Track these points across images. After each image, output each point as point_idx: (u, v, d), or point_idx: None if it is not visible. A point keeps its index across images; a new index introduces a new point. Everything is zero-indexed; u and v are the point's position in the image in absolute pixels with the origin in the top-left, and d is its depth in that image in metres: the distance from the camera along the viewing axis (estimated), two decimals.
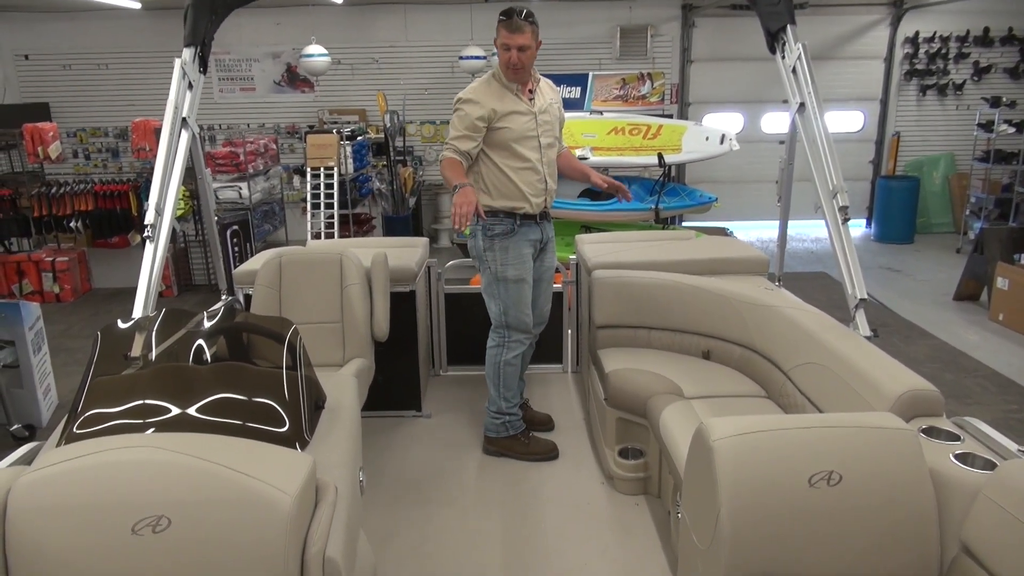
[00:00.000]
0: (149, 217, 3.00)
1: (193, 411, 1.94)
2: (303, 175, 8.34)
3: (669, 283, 3.69)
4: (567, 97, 8.26)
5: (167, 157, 3.13)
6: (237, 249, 7.76)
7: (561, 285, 4.47)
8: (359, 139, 8.69)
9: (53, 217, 7.87)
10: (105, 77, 9.76)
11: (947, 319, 6.76)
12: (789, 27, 3.37)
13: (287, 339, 2.27)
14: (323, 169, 7.92)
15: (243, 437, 1.81)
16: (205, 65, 3.48)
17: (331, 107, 9.95)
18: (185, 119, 3.27)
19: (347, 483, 1.95)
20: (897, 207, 9.89)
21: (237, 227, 7.78)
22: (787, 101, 3.42)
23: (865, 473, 1.82)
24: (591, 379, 3.86)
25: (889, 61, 10.20)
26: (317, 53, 8.31)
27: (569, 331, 4.66)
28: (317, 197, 7.95)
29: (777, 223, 4.25)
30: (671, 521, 2.91)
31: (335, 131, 8.18)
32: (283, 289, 3.61)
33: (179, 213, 7.48)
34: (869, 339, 2.81)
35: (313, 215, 7.96)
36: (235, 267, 4.09)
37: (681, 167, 10.01)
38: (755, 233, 10.02)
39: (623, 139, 8.22)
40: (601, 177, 3.72)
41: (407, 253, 4.17)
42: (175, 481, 1.55)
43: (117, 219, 8.04)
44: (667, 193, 8.09)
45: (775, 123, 10.23)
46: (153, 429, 1.88)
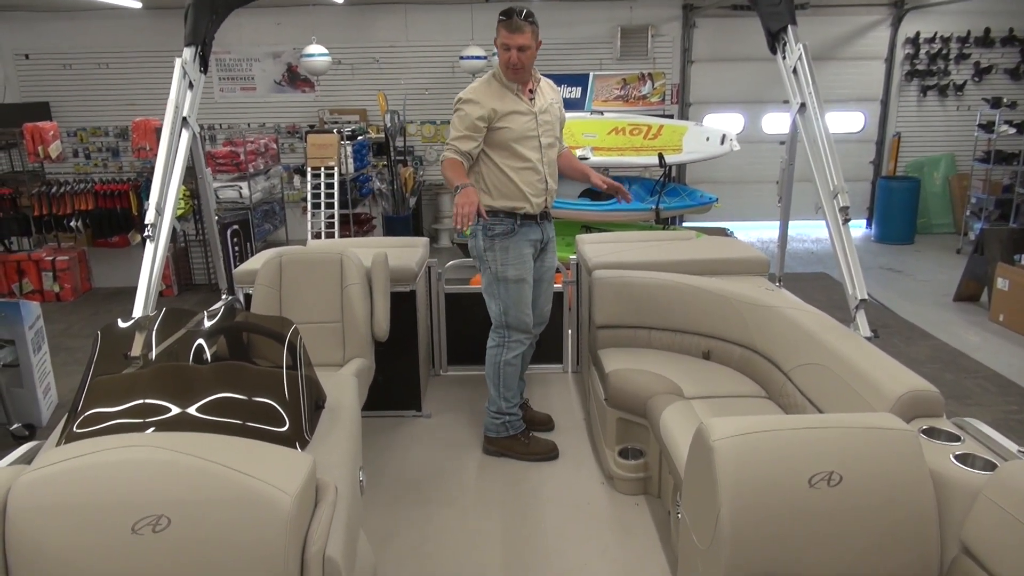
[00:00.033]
0: (149, 216, 3.00)
1: (193, 410, 1.94)
2: (303, 175, 8.34)
3: (669, 283, 3.69)
4: (568, 97, 8.26)
5: (167, 156, 3.13)
6: (237, 249, 7.76)
7: (561, 285, 4.47)
8: (359, 139, 8.69)
9: (53, 216, 7.88)
10: (105, 76, 9.76)
11: (947, 320, 6.76)
12: (790, 27, 3.37)
13: (287, 339, 2.27)
14: (323, 169, 7.92)
15: (243, 437, 1.81)
16: (206, 65, 3.48)
17: (331, 107, 9.95)
18: (186, 118, 3.27)
19: (347, 483, 1.95)
20: (897, 208, 9.90)
21: (237, 227, 7.79)
22: (788, 101, 3.42)
23: (865, 474, 1.82)
24: (591, 379, 3.86)
25: (890, 62, 10.20)
26: (318, 53, 8.31)
27: (569, 331, 4.66)
28: (317, 197, 7.96)
29: (777, 223, 4.25)
30: (671, 521, 2.91)
31: (335, 131, 8.18)
32: (283, 289, 3.60)
33: (179, 212, 7.49)
34: (869, 340, 2.81)
35: (313, 215, 7.96)
36: (235, 267, 4.09)
37: (682, 167, 10.01)
38: (755, 233, 10.02)
39: (624, 139, 8.22)
40: (601, 178, 3.72)
41: (407, 253, 4.17)
42: (175, 481, 1.55)
43: (117, 218, 8.05)
44: (668, 193, 8.09)
45: (776, 123, 10.23)
46: (153, 428, 1.88)
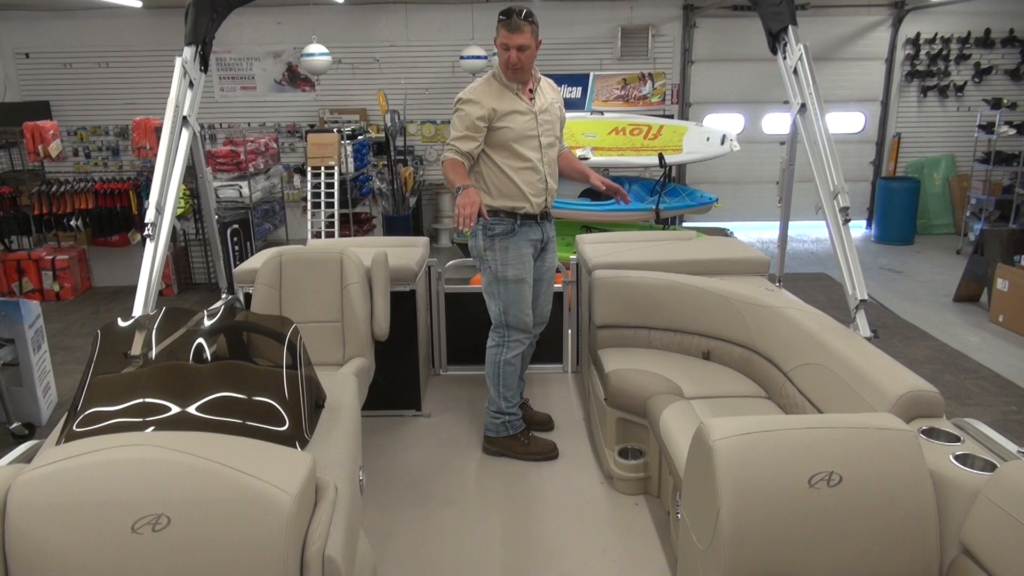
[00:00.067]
0: (149, 216, 3.00)
1: (193, 410, 1.94)
2: (303, 174, 8.34)
3: (669, 283, 3.69)
4: (568, 97, 8.26)
5: (168, 156, 3.14)
6: (237, 248, 7.76)
7: (561, 285, 4.47)
8: (360, 138, 8.69)
9: (53, 215, 7.88)
10: (106, 75, 9.76)
11: (947, 320, 6.76)
12: (790, 28, 3.37)
13: (287, 338, 2.27)
14: (323, 168, 7.92)
15: (243, 436, 1.81)
16: (206, 64, 3.48)
17: (332, 106, 9.95)
18: (186, 118, 3.27)
19: (347, 482, 1.95)
20: (897, 208, 9.90)
21: (237, 226, 7.79)
22: (788, 102, 3.42)
23: (865, 474, 1.82)
24: (591, 379, 3.86)
25: (890, 62, 10.20)
26: (318, 52, 8.31)
27: (569, 331, 4.66)
28: (317, 196, 7.95)
29: (777, 224, 4.26)
30: (671, 521, 2.91)
31: (336, 130, 8.18)
32: (283, 288, 3.60)
33: (179, 212, 7.49)
34: (869, 340, 2.81)
35: (313, 214, 7.96)
36: (235, 266, 4.09)
37: (682, 167, 10.01)
38: (755, 234, 10.02)
39: (624, 139, 8.22)
40: (600, 179, 3.71)
41: (407, 252, 4.17)
42: (175, 480, 1.55)
43: (117, 217, 8.05)
44: (668, 193, 8.09)
45: (776, 124, 10.23)
46: (153, 428, 1.88)
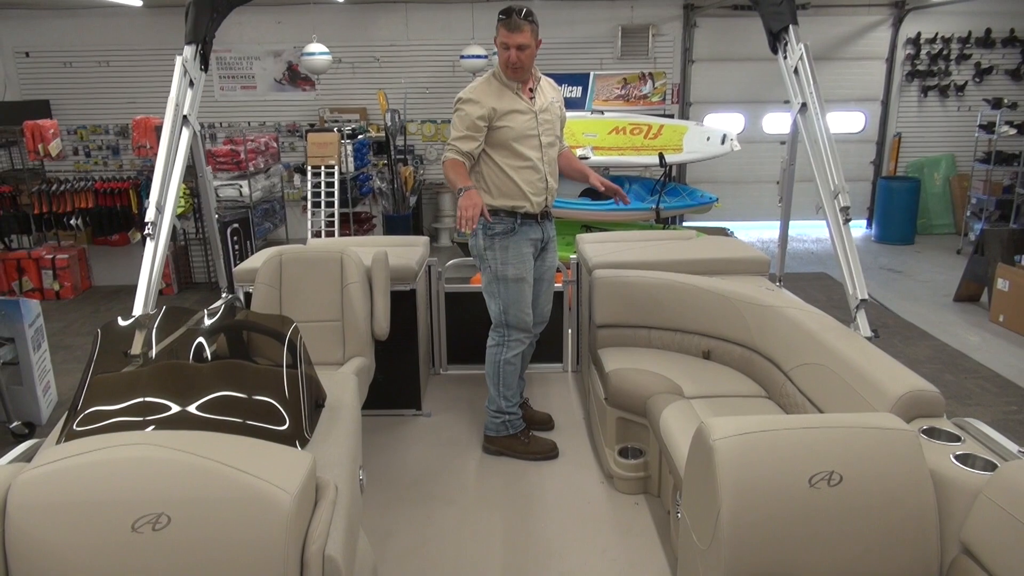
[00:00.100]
0: (150, 215, 3.00)
1: (193, 409, 1.93)
2: (304, 173, 8.34)
3: (670, 283, 3.69)
4: (568, 97, 8.25)
5: (168, 155, 3.13)
6: (237, 247, 7.76)
7: (561, 284, 4.47)
8: (360, 138, 8.69)
9: (53, 214, 7.88)
10: (106, 74, 9.76)
11: (947, 320, 6.76)
12: (791, 27, 3.37)
13: (287, 337, 2.27)
14: (324, 167, 7.92)
15: (243, 435, 1.81)
16: (206, 63, 3.48)
17: (332, 105, 9.95)
18: (186, 117, 3.27)
19: (347, 482, 1.95)
20: (898, 208, 9.89)
21: (237, 225, 7.78)
22: (788, 101, 3.42)
23: (865, 474, 1.82)
24: (591, 378, 3.86)
25: (891, 62, 10.20)
26: (318, 51, 8.31)
27: (569, 330, 4.66)
28: (318, 195, 7.95)
29: (778, 223, 4.25)
30: (671, 521, 2.91)
31: (336, 129, 8.18)
32: (283, 287, 3.60)
33: (180, 211, 7.49)
34: (870, 340, 2.81)
35: (314, 213, 7.96)
36: (235, 265, 4.09)
37: (682, 167, 10.01)
38: (756, 233, 10.02)
39: (624, 139, 8.22)
40: (600, 179, 3.70)
41: (407, 252, 4.17)
42: (175, 479, 1.55)
43: (117, 217, 8.05)
44: (668, 193, 8.09)
45: (776, 123, 10.23)
46: (153, 427, 1.88)
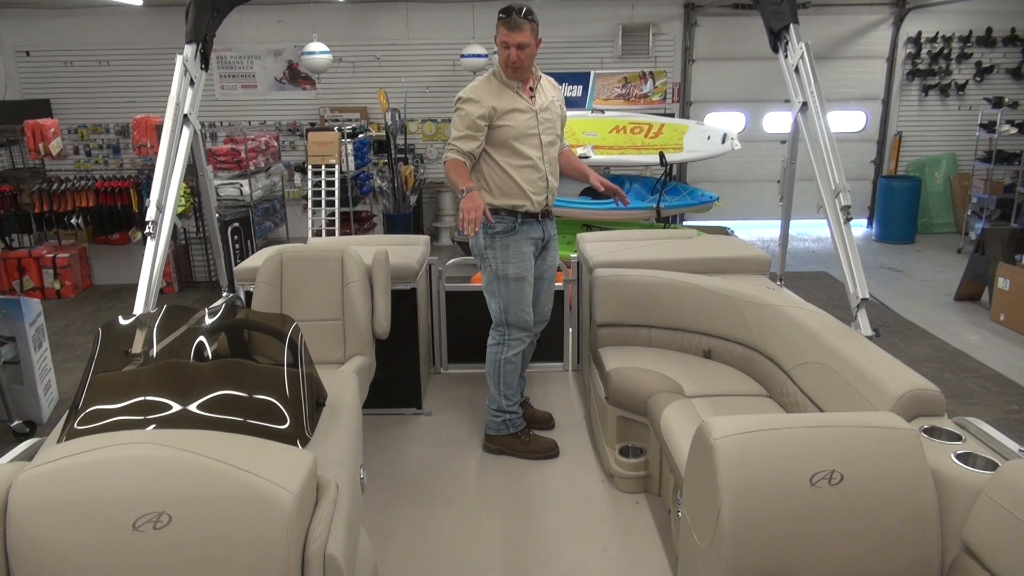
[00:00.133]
0: (150, 214, 3.00)
1: (194, 408, 1.93)
2: (304, 172, 8.34)
3: (670, 282, 3.69)
4: (569, 96, 8.26)
5: (168, 154, 3.13)
6: (238, 246, 7.77)
7: (562, 283, 4.47)
8: (360, 137, 8.69)
9: (54, 213, 7.88)
10: (106, 74, 9.76)
11: (948, 319, 6.76)
12: (792, 26, 3.37)
13: (288, 336, 2.27)
14: (324, 167, 7.92)
15: (244, 434, 1.81)
16: (207, 62, 3.48)
17: (332, 105, 9.95)
18: (187, 116, 3.27)
19: (348, 480, 1.95)
20: (898, 207, 9.89)
21: (238, 224, 7.79)
22: (789, 100, 3.42)
23: (866, 473, 1.82)
24: (592, 377, 3.86)
25: (891, 61, 10.19)
26: (318, 50, 8.30)
27: (570, 329, 4.66)
28: (318, 195, 7.95)
29: (778, 223, 4.25)
30: (671, 520, 2.91)
31: (336, 128, 8.18)
32: (284, 286, 3.60)
33: (180, 210, 7.49)
34: (870, 339, 2.81)
35: (314, 212, 7.96)
36: (236, 264, 4.09)
37: (682, 166, 10.01)
38: (756, 232, 10.01)
39: (625, 138, 8.22)
40: (599, 179, 3.70)
41: (408, 251, 4.17)
42: (176, 477, 1.55)
43: (118, 216, 8.05)
44: (668, 192, 8.09)
45: (777, 122, 10.22)
46: (154, 426, 1.88)
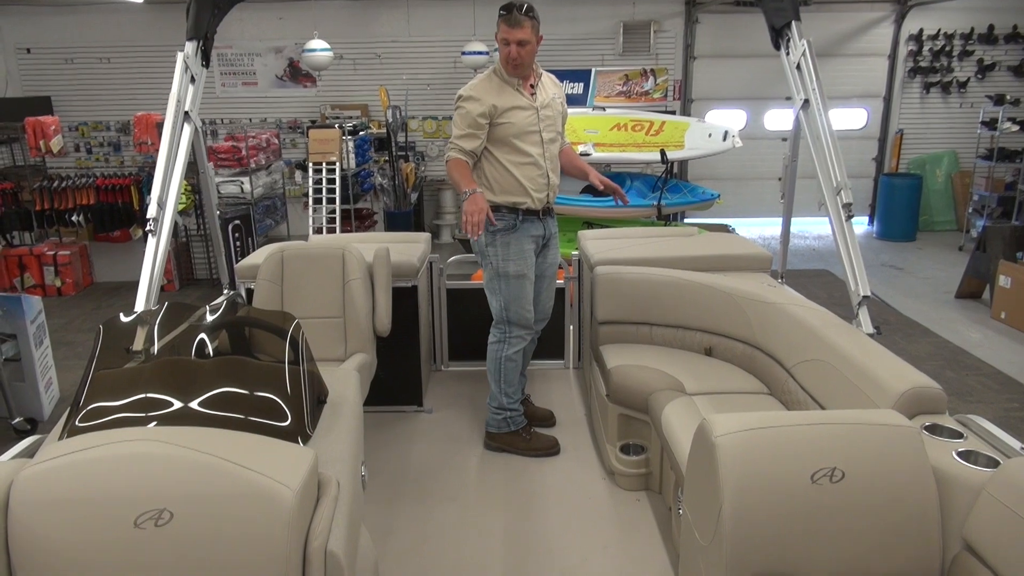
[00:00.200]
0: (151, 211, 3.01)
1: (195, 405, 1.93)
2: (305, 170, 8.33)
3: (671, 279, 3.68)
4: (570, 93, 8.24)
5: (169, 151, 3.14)
6: (239, 244, 7.77)
7: (563, 281, 4.47)
8: (361, 134, 8.68)
9: (55, 211, 7.88)
10: (107, 71, 9.76)
11: (949, 317, 6.75)
12: (794, 23, 3.37)
13: (289, 333, 2.27)
14: (325, 164, 7.92)
15: (245, 431, 1.81)
16: (207, 59, 3.48)
17: (333, 102, 9.94)
18: (187, 113, 3.27)
19: (349, 478, 1.95)
20: (900, 205, 9.88)
21: (239, 221, 7.79)
22: (791, 98, 3.42)
23: (868, 470, 1.82)
24: (593, 375, 3.86)
25: (893, 58, 10.18)
26: (319, 48, 8.30)
27: (571, 327, 4.65)
28: (319, 192, 7.95)
29: (780, 220, 4.25)
30: (672, 517, 2.91)
31: (337, 126, 8.17)
32: (285, 284, 3.60)
33: (181, 207, 7.49)
34: (872, 336, 2.81)
35: (315, 210, 7.96)
36: (237, 261, 4.09)
37: (684, 164, 10.00)
38: (757, 230, 10.00)
39: (626, 135, 8.21)
40: (599, 177, 3.69)
41: (409, 248, 4.17)
42: (177, 475, 1.55)
43: (119, 213, 8.05)
44: (669, 190, 8.07)
45: (778, 120, 10.21)
46: (155, 423, 1.88)
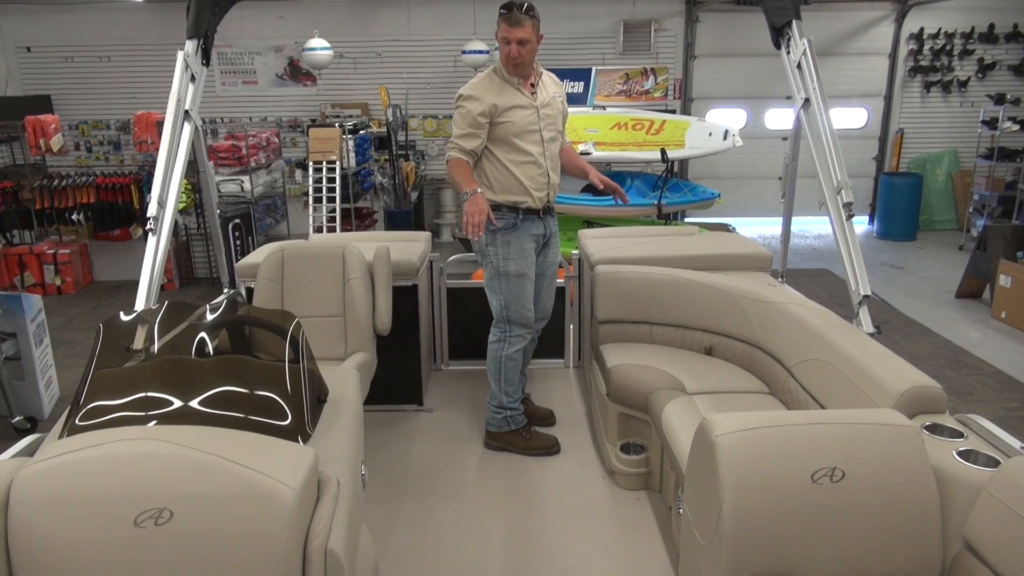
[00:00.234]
0: (152, 210, 3.01)
1: (195, 404, 1.93)
2: (305, 169, 8.33)
3: (671, 279, 3.68)
4: (570, 92, 8.23)
5: (169, 150, 3.14)
6: (239, 242, 7.77)
7: (563, 280, 4.46)
8: (361, 133, 8.68)
9: (55, 209, 7.88)
10: (107, 69, 9.75)
11: (949, 316, 6.75)
12: (794, 22, 3.37)
13: (289, 332, 2.27)
14: (325, 163, 7.91)
15: (245, 430, 1.81)
16: (208, 58, 3.48)
17: (333, 101, 9.94)
18: (188, 112, 3.27)
19: (349, 477, 1.95)
20: (900, 204, 9.88)
21: (239, 220, 7.79)
22: (791, 97, 3.42)
23: (868, 470, 1.82)
24: (593, 374, 3.86)
25: (893, 57, 10.17)
26: (319, 47, 8.29)
27: (571, 326, 4.65)
28: (319, 191, 7.95)
29: (780, 219, 4.25)
30: (673, 517, 2.91)
31: (337, 125, 8.17)
32: (285, 283, 3.60)
33: (181, 206, 7.49)
34: (872, 336, 2.80)
35: (315, 209, 7.95)
36: (237, 260, 4.09)
37: (684, 163, 10.00)
38: (758, 229, 10.00)
39: (626, 134, 8.20)
40: (599, 177, 3.68)
41: (409, 247, 4.17)
42: (177, 474, 1.55)
43: (119, 212, 8.04)
44: (670, 189, 8.07)
45: (778, 119, 10.21)
46: (155, 422, 1.88)
